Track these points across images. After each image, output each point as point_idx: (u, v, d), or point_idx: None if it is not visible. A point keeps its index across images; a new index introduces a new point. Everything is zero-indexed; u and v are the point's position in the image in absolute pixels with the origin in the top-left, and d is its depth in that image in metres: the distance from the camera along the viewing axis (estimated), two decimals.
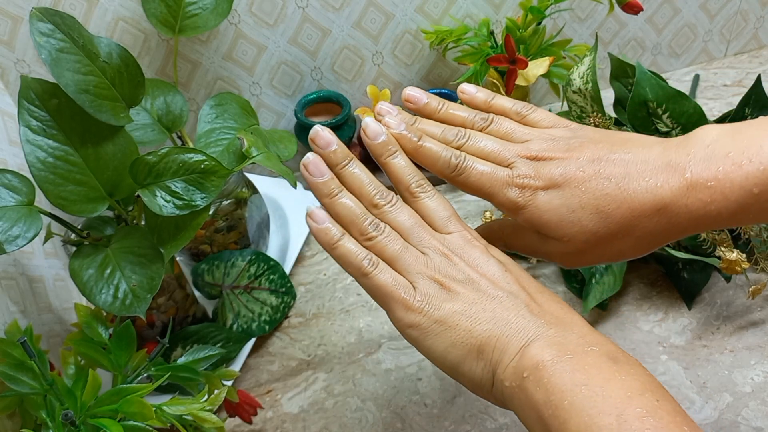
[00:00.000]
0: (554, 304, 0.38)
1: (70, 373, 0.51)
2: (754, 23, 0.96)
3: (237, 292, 0.69)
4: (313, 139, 0.43)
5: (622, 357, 0.33)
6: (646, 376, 0.33)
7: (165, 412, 0.48)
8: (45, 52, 0.47)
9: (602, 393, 0.31)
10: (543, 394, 0.32)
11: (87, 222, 0.56)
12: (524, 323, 0.36)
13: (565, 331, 0.35)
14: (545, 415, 0.32)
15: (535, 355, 0.34)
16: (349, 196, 0.41)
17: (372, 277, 0.39)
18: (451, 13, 0.81)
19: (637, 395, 0.31)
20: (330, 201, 0.41)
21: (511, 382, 0.34)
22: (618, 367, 0.32)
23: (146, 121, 0.63)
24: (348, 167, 0.42)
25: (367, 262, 0.39)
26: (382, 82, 0.84)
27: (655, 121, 0.67)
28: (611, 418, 0.30)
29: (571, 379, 0.32)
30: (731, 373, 0.63)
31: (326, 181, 0.41)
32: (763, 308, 0.67)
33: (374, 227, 0.40)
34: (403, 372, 0.66)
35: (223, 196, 0.68)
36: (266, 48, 0.77)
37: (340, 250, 0.40)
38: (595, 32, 0.88)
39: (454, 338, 0.36)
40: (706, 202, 0.35)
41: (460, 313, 0.37)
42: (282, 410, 0.64)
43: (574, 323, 0.36)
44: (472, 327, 0.36)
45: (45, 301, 0.66)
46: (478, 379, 0.36)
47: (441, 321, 0.37)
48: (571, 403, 0.31)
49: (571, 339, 0.34)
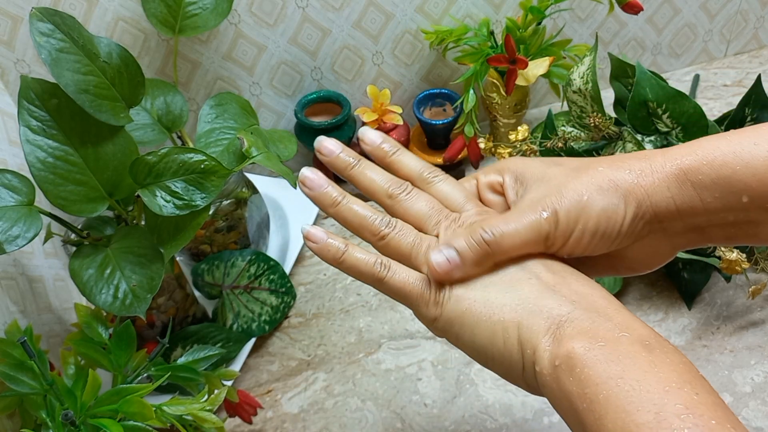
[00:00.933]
0: (578, 281, 0.36)
1: (70, 373, 0.51)
2: (754, 23, 0.96)
3: (237, 292, 0.69)
4: (319, 149, 0.42)
5: (656, 343, 0.32)
6: (683, 364, 0.31)
7: (165, 412, 0.48)
8: (45, 52, 0.47)
9: (639, 387, 0.30)
10: (576, 386, 0.31)
11: (87, 222, 0.56)
12: (550, 303, 0.34)
13: (594, 312, 0.34)
14: (579, 408, 0.31)
15: (565, 342, 0.32)
16: (353, 200, 0.40)
17: (387, 281, 0.38)
18: (451, 13, 0.81)
19: (675, 389, 0.29)
20: (335, 210, 0.40)
21: (542, 368, 0.33)
22: (653, 356, 0.31)
23: (146, 121, 0.63)
24: (357, 168, 0.41)
25: (379, 267, 0.38)
26: (382, 82, 0.84)
27: (655, 121, 0.67)
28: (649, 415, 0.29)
29: (606, 371, 0.31)
30: (731, 373, 0.63)
31: (327, 191, 0.40)
32: (763, 308, 0.67)
33: (385, 224, 0.39)
34: (403, 372, 0.66)
35: (223, 196, 0.68)
36: (266, 48, 0.77)
37: (347, 262, 0.39)
38: (595, 32, 0.88)
39: (476, 319, 0.35)
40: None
41: (484, 299, 0.36)
42: (282, 410, 0.64)
43: (606, 306, 0.34)
44: (493, 312, 0.35)
45: (45, 301, 0.66)
46: (507, 364, 0.35)
47: (466, 310, 0.36)
48: (606, 397, 0.30)
49: (601, 323, 0.33)
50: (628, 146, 0.66)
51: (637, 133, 0.68)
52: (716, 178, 0.35)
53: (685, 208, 0.36)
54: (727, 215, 0.36)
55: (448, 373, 0.65)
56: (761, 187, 0.34)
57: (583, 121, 0.71)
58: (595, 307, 0.34)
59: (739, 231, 0.37)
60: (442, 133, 0.83)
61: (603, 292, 0.36)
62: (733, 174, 0.35)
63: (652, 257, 0.39)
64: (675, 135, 0.66)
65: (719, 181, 0.35)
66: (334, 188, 0.41)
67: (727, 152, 0.35)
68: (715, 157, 0.35)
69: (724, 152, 0.35)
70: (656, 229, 0.38)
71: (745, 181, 0.34)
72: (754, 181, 0.34)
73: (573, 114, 0.72)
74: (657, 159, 0.37)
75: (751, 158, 0.34)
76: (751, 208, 0.35)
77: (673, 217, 0.36)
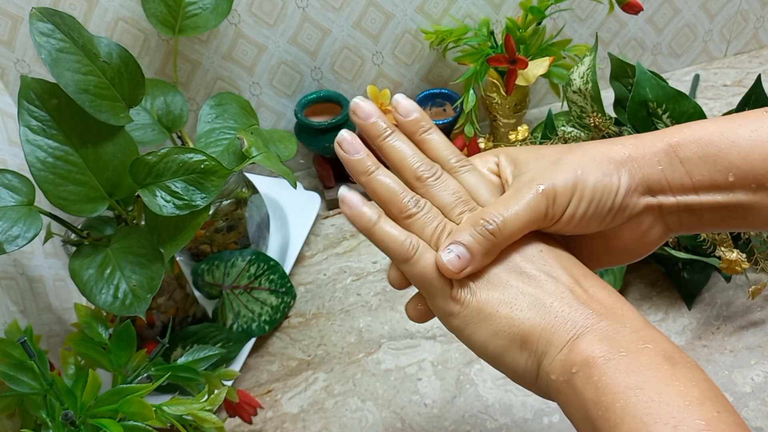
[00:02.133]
0: (602, 291, 0.35)
1: (70, 373, 0.51)
2: (754, 23, 0.96)
3: (237, 292, 0.69)
4: (354, 110, 0.40)
5: (679, 358, 0.31)
6: (705, 381, 0.31)
7: (165, 412, 0.48)
8: (45, 52, 0.47)
9: (659, 399, 0.29)
10: (593, 393, 0.30)
11: (87, 222, 0.56)
12: (571, 312, 0.33)
13: (617, 323, 0.33)
14: (594, 416, 0.30)
15: (585, 350, 0.32)
16: (386, 173, 0.39)
17: (413, 263, 0.37)
18: (451, 13, 0.81)
19: (696, 405, 0.29)
20: (367, 179, 0.39)
21: (558, 375, 0.32)
22: (675, 370, 0.31)
23: (146, 121, 0.63)
24: (389, 139, 0.40)
25: (408, 246, 0.37)
26: (382, 82, 0.84)
27: (655, 121, 0.67)
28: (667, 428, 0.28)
29: (625, 381, 0.30)
30: (731, 373, 0.63)
31: (361, 158, 0.39)
32: (763, 308, 0.67)
33: (414, 203, 0.38)
34: (403, 372, 0.66)
35: (223, 196, 0.68)
36: (266, 48, 0.77)
37: (378, 234, 0.37)
38: (595, 32, 0.88)
39: (495, 327, 0.35)
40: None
41: (499, 300, 0.35)
42: (282, 410, 0.64)
43: (625, 314, 0.34)
44: (513, 315, 0.34)
45: (45, 301, 0.66)
46: (522, 370, 0.35)
47: (480, 309, 0.35)
48: (623, 406, 0.29)
49: (624, 333, 0.32)
50: None
51: (637, 134, 0.68)
52: (703, 155, 0.36)
53: (675, 183, 0.36)
54: (716, 195, 0.36)
55: (448, 373, 0.65)
56: (746, 165, 0.35)
57: (583, 121, 0.71)
58: (618, 316, 0.34)
59: (729, 214, 0.37)
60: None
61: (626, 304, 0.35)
62: (719, 152, 0.35)
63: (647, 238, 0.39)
64: None
65: (706, 158, 0.35)
66: (369, 157, 0.39)
67: (714, 131, 0.36)
68: (702, 135, 0.36)
69: (711, 131, 0.36)
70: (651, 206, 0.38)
71: (731, 159, 0.35)
72: (739, 159, 0.35)
73: (573, 114, 0.72)
74: (648, 137, 0.38)
75: (736, 137, 0.35)
76: (737, 187, 0.35)
77: (664, 191, 0.37)
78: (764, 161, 0.35)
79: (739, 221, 0.37)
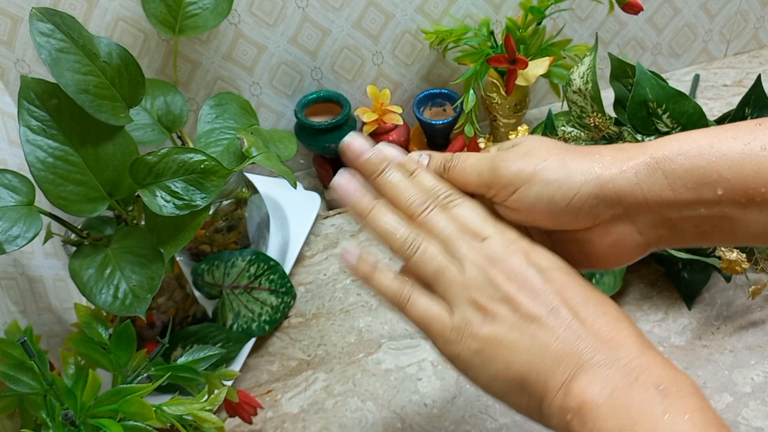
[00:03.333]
0: (601, 318, 0.34)
1: (70, 373, 0.51)
2: (754, 23, 0.96)
3: (237, 292, 0.69)
4: (344, 152, 0.41)
5: (672, 386, 0.31)
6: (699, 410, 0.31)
7: (165, 412, 0.48)
8: (45, 52, 0.47)
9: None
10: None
11: (87, 222, 0.56)
12: (567, 350, 0.33)
13: (612, 355, 0.33)
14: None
15: (578, 394, 0.32)
16: (383, 212, 0.40)
17: (407, 310, 0.38)
18: (451, 13, 0.81)
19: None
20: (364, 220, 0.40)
21: (558, 421, 0.33)
22: (668, 402, 0.31)
23: (146, 121, 0.63)
24: (383, 176, 0.40)
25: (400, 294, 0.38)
26: (382, 82, 0.84)
27: (655, 121, 0.67)
28: None
29: (618, 426, 0.31)
30: (731, 373, 0.63)
31: (358, 201, 0.40)
32: (763, 308, 0.67)
33: (409, 244, 0.38)
34: (403, 372, 0.66)
35: (223, 196, 0.68)
36: (266, 48, 0.77)
37: (372, 284, 0.39)
38: (595, 32, 0.88)
39: (494, 371, 0.35)
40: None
41: (498, 342, 0.35)
42: (282, 410, 0.64)
43: (621, 342, 0.33)
44: (511, 358, 0.34)
45: (45, 301, 0.66)
46: (526, 410, 0.36)
47: (479, 352, 0.35)
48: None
49: (618, 367, 0.32)
50: None
51: (637, 133, 0.68)
52: (690, 167, 0.35)
53: (653, 196, 0.36)
54: (700, 208, 0.36)
55: (448, 373, 0.65)
56: (736, 179, 0.34)
57: (583, 121, 0.71)
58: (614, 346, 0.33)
59: (712, 227, 0.36)
60: (442, 133, 0.83)
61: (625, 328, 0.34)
62: (708, 165, 0.35)
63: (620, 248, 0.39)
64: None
65: (694, 170, 0.35)
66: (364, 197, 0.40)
67: (704, 144, 0.35)
68: (691, 148, 0.35)
69: (701, 144, 0.35)
70: (621, 217, 0.37)
71: (721, 173, 0.34)
72: (729, 173, 0.34)
73: (573, 114, 0.72)
74: (632, 149, 0.37)
75: (728, 150, 0.34)
76: (725, 201, 0.35)
77: (639, 204, 0.36)
78: (756, 175, 0.34)
79: (725, 236, 0.37)
